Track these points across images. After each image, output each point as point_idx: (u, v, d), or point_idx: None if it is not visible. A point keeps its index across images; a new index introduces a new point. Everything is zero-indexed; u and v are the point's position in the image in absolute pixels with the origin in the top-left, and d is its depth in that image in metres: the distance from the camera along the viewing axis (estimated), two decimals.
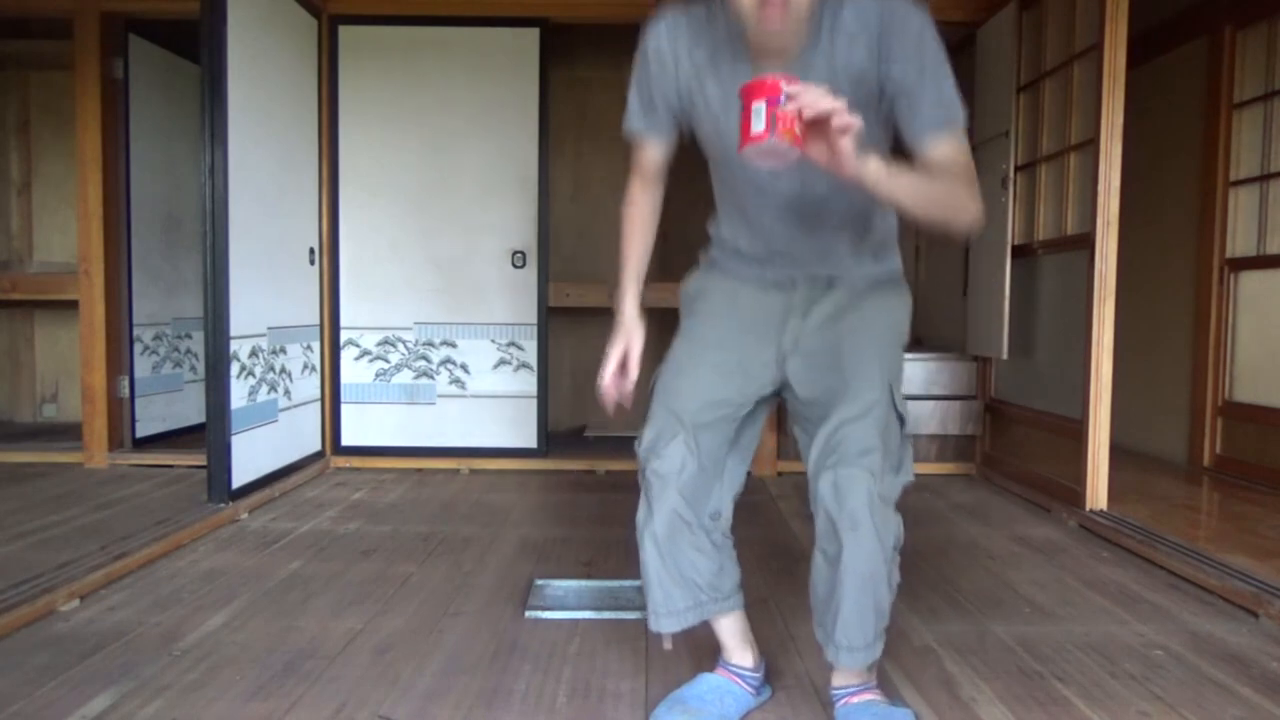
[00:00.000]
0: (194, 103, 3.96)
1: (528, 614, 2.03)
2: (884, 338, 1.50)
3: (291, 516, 2.94)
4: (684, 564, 1.51)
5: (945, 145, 1.35)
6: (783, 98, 1.11)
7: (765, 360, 1.53)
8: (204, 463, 3.00)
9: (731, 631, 1.61)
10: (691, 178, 1.64)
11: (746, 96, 1.14)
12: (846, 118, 1.13)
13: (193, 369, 4.21)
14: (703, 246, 1.69)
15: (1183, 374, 3.70)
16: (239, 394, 3.02)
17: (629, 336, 1.59)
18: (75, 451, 3.65)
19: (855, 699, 1.50)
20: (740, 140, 1.15)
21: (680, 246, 4.54)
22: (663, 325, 5.00)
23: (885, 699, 1.52)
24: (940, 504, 3.20)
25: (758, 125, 1.12)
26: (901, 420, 1.46)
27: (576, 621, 2.00)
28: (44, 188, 4.59)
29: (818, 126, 1.15)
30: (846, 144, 1.15)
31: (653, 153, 1.59)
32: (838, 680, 1.52)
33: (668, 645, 1.61)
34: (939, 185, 1.32)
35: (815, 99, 1.13)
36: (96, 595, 2.14)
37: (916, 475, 1.49)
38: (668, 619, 1.53)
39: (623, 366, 1.57)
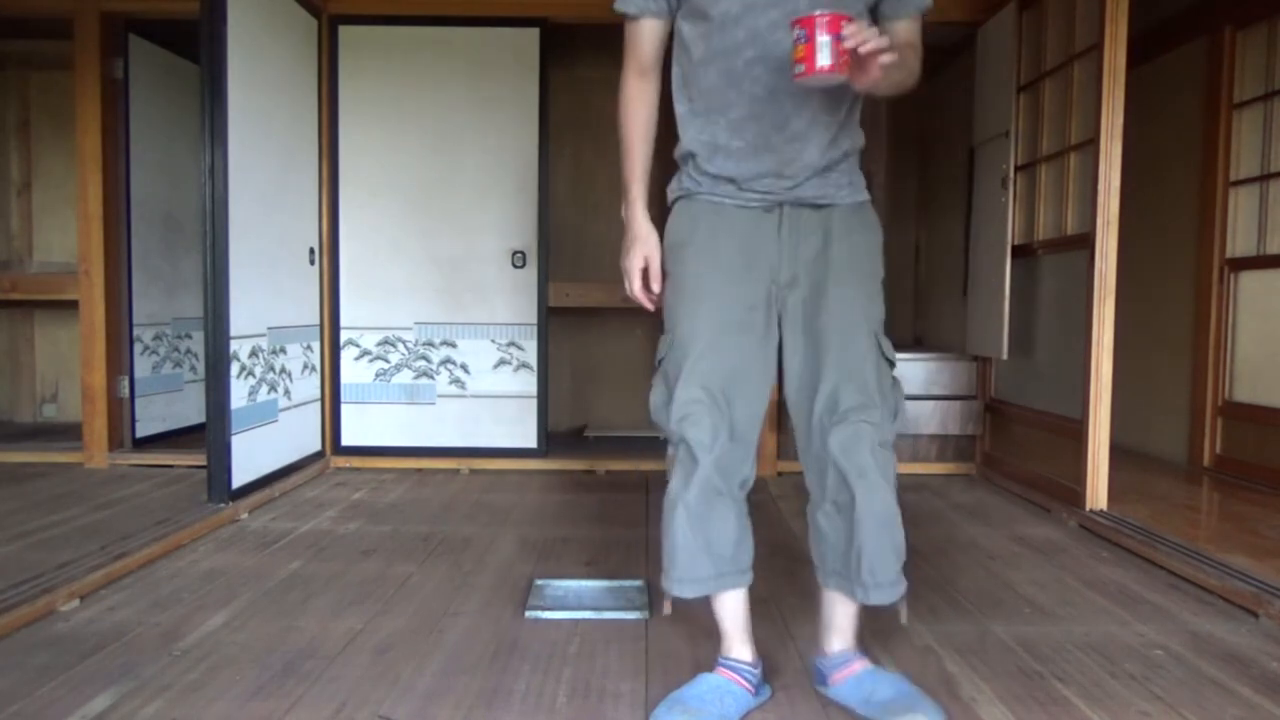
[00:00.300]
0: (194, 103, 3.96)
1: (528, 614, 2.03)
2: (866, 283, 1.57)
3: (291, 516, 2.94)
4: (712, 534, 1.54)
5: (916, 24, 1.55)
6: (842, 34, 1.29)
7: (769, 297, 1.56)
8: (204, 463, 3.00)
9: (735, 616, 1.62)
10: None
11: (809, 28, 1.31)
12: (891, 54, 1.31)
13: (193, 369, 4.21)
14: (673, 176, 1.66)
15: (1183, 374, 3.70)
16: (239, 394, 3.02)
17: (645, 248, 1.60)
18: (75, 451, 3.65)
19: (857, 666, 1.55)
20: (805, 68, 1.32)
21: None
22: (663, 323, 4.91)
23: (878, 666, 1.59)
24: (940, 504, 3.20)
25: (824, 59, 1.30)
26: (890, 364, 1.54)
27: (576, 621, 2.00)
28: (44, 188, 4.59)
29: (860, 55, 1.31)
30: (880, 72, 1.33)
31: (649, 34, 1.59)
32: (836, 645, 1.58)
33: (667, 610, 1.62)
34: (907, 65, 1.48)
35: (872, 38, 1.29)
36: (96, 595, 2.14)
37: (916, 475, 1.51)
38: (690, 585, 1.55)
39: (645, 278, 1.60)
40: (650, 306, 1.62)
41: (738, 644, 1.62)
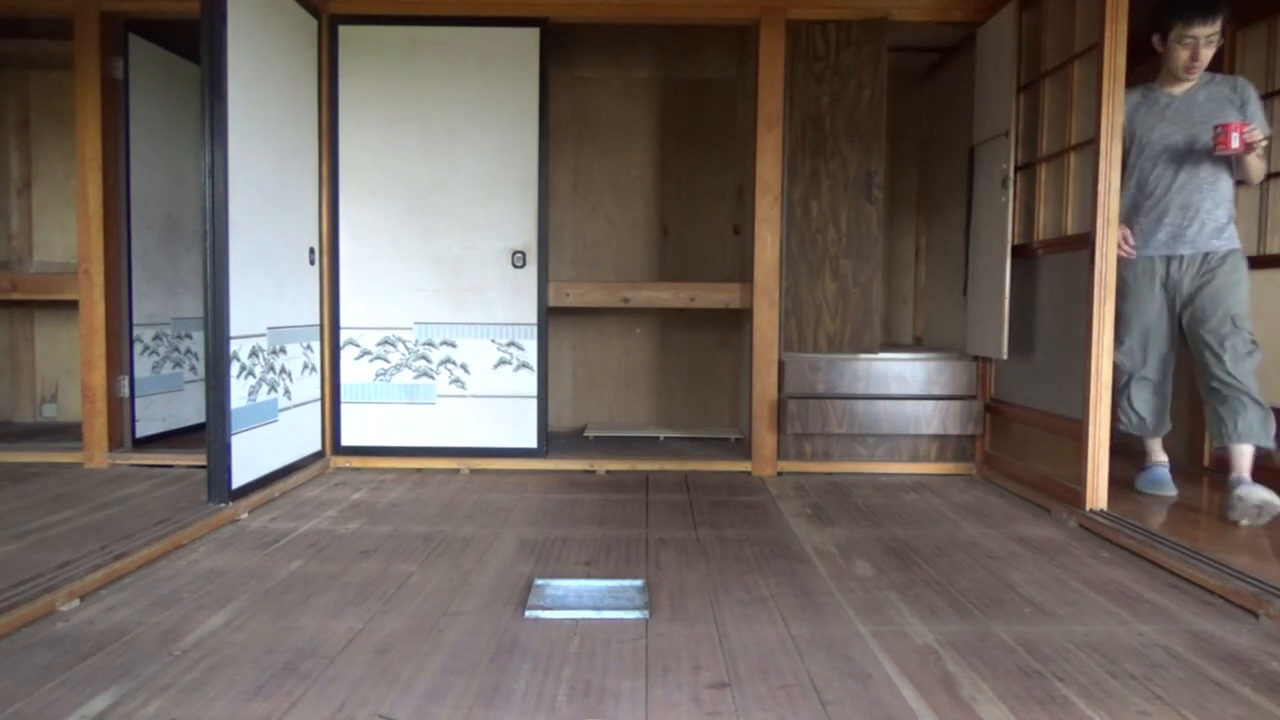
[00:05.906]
0: (194, 103, 3.96)
1: (528, 614, 2.03)
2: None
3: (291, 516, 2.94)
4: None
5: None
6: (1245, 130, 2.65)
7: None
8: (204, 463, 3.00)
9: None
10: (687, 177, 1.64)
11: (1225, 129, 2.68)
12: (1264, 141, 2.72)
13: (193, 369, 4.21)
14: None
15: (1183, 374, 3.70)
16: (239, 394, 3.02)
17: None
18: (75, 451, 3.65)
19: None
20: (1222, 146, 2.69)
21: (679, 246, 4.55)
22: (663, 323, 4.97)
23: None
24: (940, 504, 3.20)
25: (1235, 144, 2.67)
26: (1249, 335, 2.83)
27: (576, 621, 2.00)
28: (44, 188, 4.59)
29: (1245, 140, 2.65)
30: (1257, 148, 2.72)
31: None
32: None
33: None
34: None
35: (1258, 134, 2.69)
36: (96, 595, 2.14)
37: (916, 475, 1.49)
38: None
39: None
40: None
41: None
